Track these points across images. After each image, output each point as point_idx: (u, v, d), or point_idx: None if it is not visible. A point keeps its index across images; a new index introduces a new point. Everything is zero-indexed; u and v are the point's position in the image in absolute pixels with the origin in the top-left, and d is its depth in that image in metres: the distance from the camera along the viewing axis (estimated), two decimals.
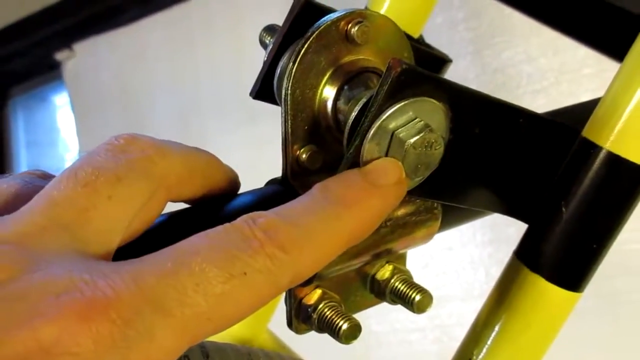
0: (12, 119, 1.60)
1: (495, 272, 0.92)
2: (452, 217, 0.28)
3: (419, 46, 0.33)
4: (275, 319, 0.39)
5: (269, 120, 1.04)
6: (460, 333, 0.28)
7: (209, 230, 0.19)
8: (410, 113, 0.23)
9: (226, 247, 0.18)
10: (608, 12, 0.48)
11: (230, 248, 0.18)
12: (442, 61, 0.33)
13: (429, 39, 0.37)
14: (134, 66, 1.29)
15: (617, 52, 0.49)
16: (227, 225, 0.19)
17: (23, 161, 1.59)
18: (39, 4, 1.35)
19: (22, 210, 0.18)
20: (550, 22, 0.54)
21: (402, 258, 0.28)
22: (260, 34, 0.29)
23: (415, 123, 0.23)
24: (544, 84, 0.87)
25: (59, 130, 1.61)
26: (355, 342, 0.26)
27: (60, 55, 1.36)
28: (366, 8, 0.35)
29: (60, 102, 1.57)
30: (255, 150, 1.09)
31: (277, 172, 0.26)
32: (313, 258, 0.20)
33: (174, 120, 1.24)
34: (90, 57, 1.34)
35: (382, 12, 0.34)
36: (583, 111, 0.29)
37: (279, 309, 0.39)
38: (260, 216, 0.19)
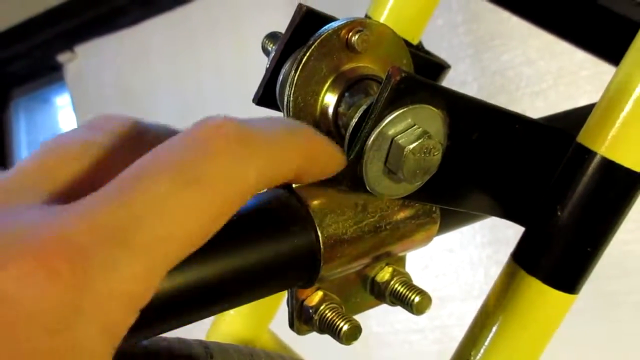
0: (14, 121, 1.60)
1: (495, 273, 0.93)
2: (450, 220, 0.28)
3: (417, 53, 0.33)
4: (277, 320, 0.40)
5: None
6: (460, 334, 0.29)
7: (157, 148, 0.18)
8: (409, 120, 0.23)
9: (175, 156, 0.17)
10: (604, 17, 0.49)
11: (179, 156, 0.17)
12: (441, 67, 0.33)
13: (429, 42, 0.37)
14: (136, 68, 1.30)
15: (613, 56, 0.49)
16: (175, 137, 0.18)
17: None
18: (41, 6, 1.35)
19: None
20: (547, 26, 0.54)
21: (401, 260, 0.29)
22: (263, 41, 0.29)
23: (414, 130, 0.23)
24: (543, 87, 0.87)
25: (61, 131, 1.61)
26: (356, 343, 0.26)
27: (62, 57, 1.37)
28: (366, 16, 0.36)
29: (62, 104, 1.58)
30: None
31: None
32: (273, 159, 0.19)
33: (176, 121, 1.24)
34: (92, 59, 1.35)
35: (381, 19, 0.34)
36: (579, 116, 0.30)
37: (281, 310, 0.40)
38: (212, 117, 0.18)
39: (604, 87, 0.27)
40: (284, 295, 0.28)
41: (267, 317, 0.39)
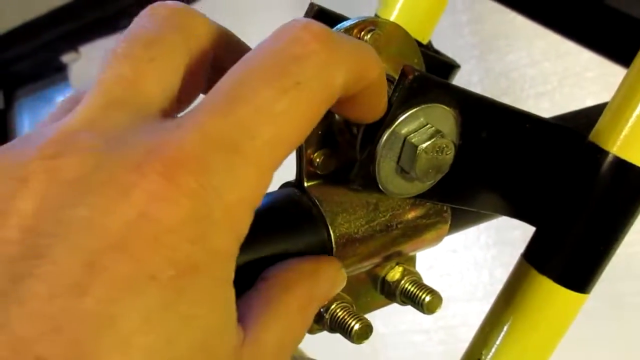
0: (18, 121, 1.61)
1: (499, 274, 0.93)
2: (461, 219, 0.28)
3: (427, 52, 0.33)
4: None
5: None
6: (464, 334, 0.29)
7: (250, 54, 0.18)
8: (422, 119, 0.23)
9: (272, 61, 0.18)
10: (612, 18, 0.49)
11: (275, 61, 0.18)
12: (450, 67, 0.33)
13: (434, 43, 0.37)
14: None
15: (622, 56, 0.49)
16: (264, 43, 0.18)
17: None
18: (45, 7, 1.36)
19: (82, 101, 0.19)
20: (555, 27, 0.54)
21: (411, 260, 0.29)
22: None
23: (427, 129, 0.23)
24: (548, 88, 0.87)
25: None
26: (363, 343, 0.26)
27: (66, 58, 1.37)
28: (376, 15, 0.36)
29: None
30: None
31: (285, 174, 0.27)
32: (357, 64, 0.19)
33: None
34: (96, 60, 1.35)
35: (391, 19, 0.34)
36: (588, 116, 0.30)
37: None
38: (295, 20, 0.19)
39: (609, 88, 0.27)
40: None
41: None
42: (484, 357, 0.27)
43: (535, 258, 0.27)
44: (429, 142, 0.23)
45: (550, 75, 0.87)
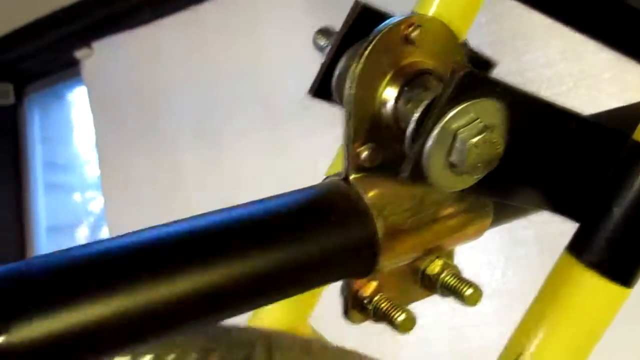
0: (29, 117, 1.61)
1: (512, 273, 0.93)
2: (502, 214, 0.29)
3: (465, 50, 0.33)
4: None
5: (287, 123, 1.05)
6: (474, 333, 0.29)
7: None
8: (472, 114, 0.24)
9: None
10: (634, 17, 0.49)
11: None
12: (488, 64, 0.34)
13: None
14: (152, 65, 1.30)
15: None
16: None
17: (38, 157, 1.60)
18: (58, 3, 1.36)
19: None
20: (576, 25, 0.54)
21: (450, 253, 0.30)
22: (314, 35, 0.30)
23: (477, 124, 0.24)
24: (563, 89, 0.88)
25: (74, 126, 1.62)
26: (372, 341, 0.27)
27: (79, 54, 1.37)
28: (413, 12, 0.36)
29: (76, 99, 1.59)
30: (272, 154, 1.10)
31: (293, 176, 0.27)
32: None
33: (190, 120, 1.25)
34: (109, 55, 1.35)
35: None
36: (624, 115, 0.30)
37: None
38: None
39: (625, 89, 0.28)
40: (324, 287, 0.28)
41: (307, 308, 0.39)
42: (525, 351, 0.27)
43: (581, 253, 0.27)
44: (479, 137, 0.24)
45: (566, 77, 0.87)
